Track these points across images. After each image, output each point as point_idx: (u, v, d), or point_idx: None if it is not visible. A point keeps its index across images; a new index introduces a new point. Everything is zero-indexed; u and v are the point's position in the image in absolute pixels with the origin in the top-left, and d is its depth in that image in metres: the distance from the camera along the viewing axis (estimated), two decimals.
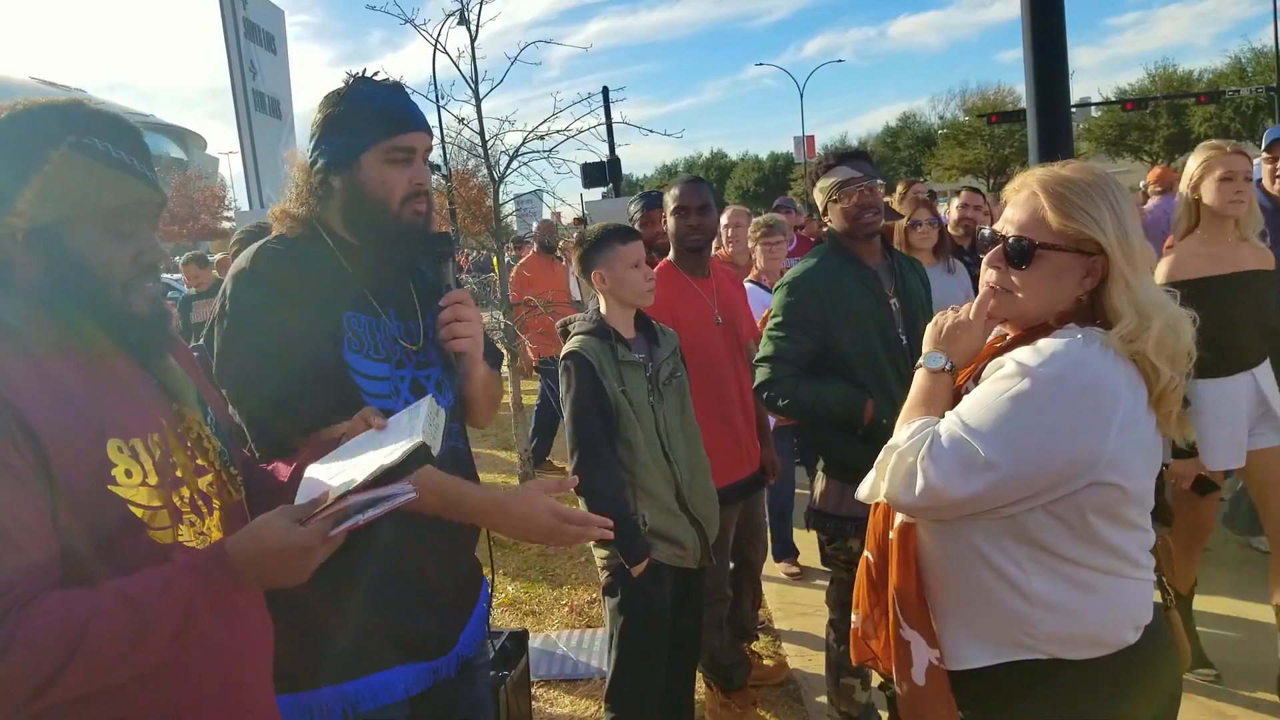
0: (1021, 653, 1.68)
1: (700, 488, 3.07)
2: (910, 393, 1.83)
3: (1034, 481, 1.59)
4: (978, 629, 1.73)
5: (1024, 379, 1.59)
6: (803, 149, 48.03)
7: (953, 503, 1.62)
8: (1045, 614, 1.65)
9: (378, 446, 1.48)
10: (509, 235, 8.44)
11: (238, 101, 17.19)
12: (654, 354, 3.04)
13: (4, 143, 1.31)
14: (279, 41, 19.09)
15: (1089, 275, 1.67)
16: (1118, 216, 1.65)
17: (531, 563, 5.64)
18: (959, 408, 1.67)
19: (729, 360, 3.58)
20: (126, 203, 1.36)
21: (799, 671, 4.08)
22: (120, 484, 1.31)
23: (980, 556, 1.69)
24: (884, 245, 3.24)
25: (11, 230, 1.30)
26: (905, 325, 3.13)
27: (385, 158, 1.88)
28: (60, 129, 1.32)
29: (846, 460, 3.12)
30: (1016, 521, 1.64)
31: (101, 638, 1.17)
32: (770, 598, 4.85)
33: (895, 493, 1.68)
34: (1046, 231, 1.68)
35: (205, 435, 1.51)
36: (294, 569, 1.29)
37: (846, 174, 3.10)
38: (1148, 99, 44.91)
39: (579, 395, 2.87)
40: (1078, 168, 1.72)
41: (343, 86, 1.92)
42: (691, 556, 2.99)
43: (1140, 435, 1.63)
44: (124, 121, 1.40)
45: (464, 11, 5.91)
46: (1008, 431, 1.58)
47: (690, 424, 3.11)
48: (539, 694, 3.96)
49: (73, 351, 1.35)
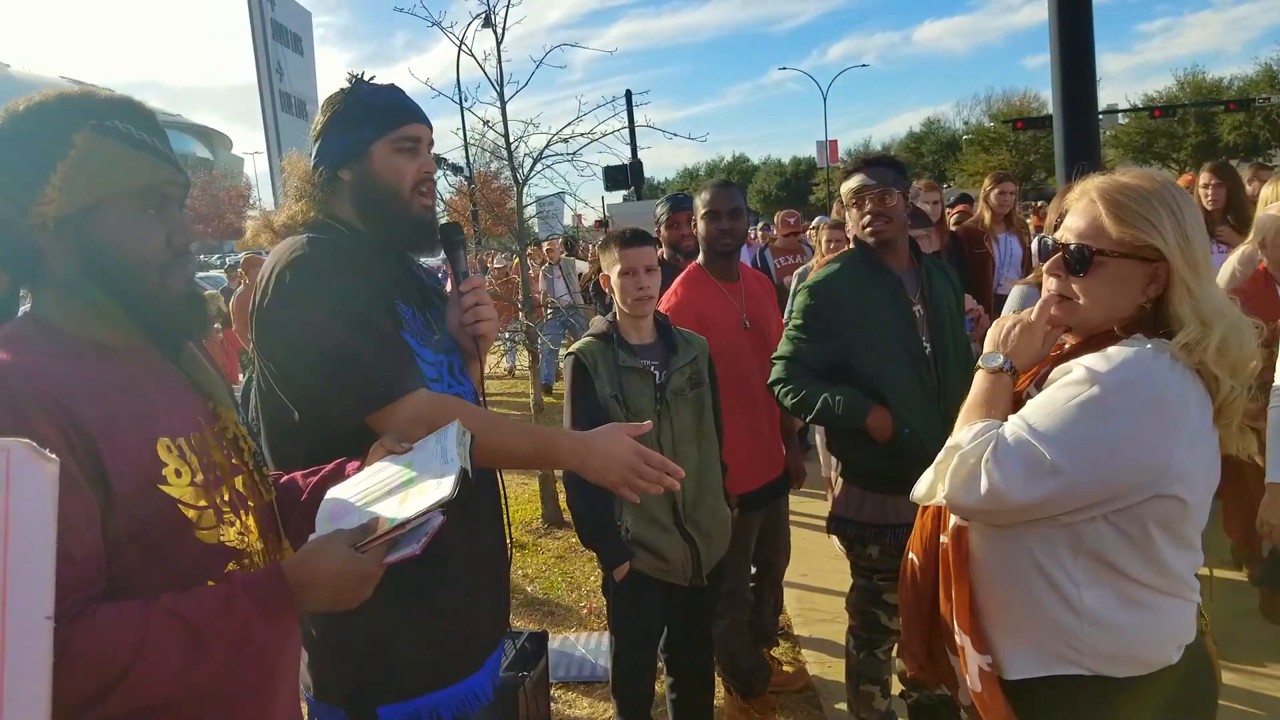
0: (1066, 666, 1.67)
1: (706, 506, 3.03)
2: (970, 393, 1.81)
3: (1100, 489, 1.57)
4: (1024, 638, 1.71)
5: (1094, 385, 1.57)
6: (825, 154, 47.90)
7: (1016, 507, 1.60)
8: (1093, 629, 1.63)
9: (405, 468, 1.48)
10: (530, 237, 8.45)
11: (264, 102, 17.34)
12: (669, 362, 3.01)
13: (25, 133, 1.30)
14: (306, 43, 19.21)
15: (1152, 282, 1.65)
16: (1179, 222, 1.62)
17: (550, 565, 5.64)
18: (1024, 411, 1.65)
19: (756, 365, 3.56)
20: (155, 183, 1.35)
21: (818, 678, 4.07)
22: (171, 484, 1.30)
23: (1035, 565, 1.67)
24: (913, 251, 3.22)
25: (42, 220, 1.29)
26: (931, 333, 3.11)
27: (395, 147, 1.96)
28: (79, 114, 1.32)
29: (865, 466, 3.12)
30: (1075, 531, 1.62)
31: (156, 658, 1.15)
32: (790, 603, 4.83)
33: (956, 495, 1.65)
34: (1105, 239, 1.66)
35: (241, 435, 1.51)
36: (351, 594, 1.30)
37: (861, 181, 3.10)
38: (1176, 106, 44.47)
39: (570, 395, 2.96)
40: (1138, 174, 1.71)
41: (345, 87, 2.01)
42: (678, 573, 2.97)
43: (1205, 450, 1.61)
44: (139, 105, 1.40)
45: (490, 15, 5.94)
46: (1076, 437, 1.56)
47: (706, 438, 3.08)
48: (557, 695, 3.97)
49: (115, 350, 1.35)
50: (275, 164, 12.30)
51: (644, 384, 2.94)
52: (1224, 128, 46.92)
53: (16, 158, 1.29)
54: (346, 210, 1.97)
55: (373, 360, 1.80)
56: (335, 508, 1.45)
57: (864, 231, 3.12)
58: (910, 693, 3.46)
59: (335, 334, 1.78)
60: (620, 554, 2.87)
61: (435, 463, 1.46)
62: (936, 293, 3.17)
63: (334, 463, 1.67)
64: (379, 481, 1.47)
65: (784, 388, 3.14)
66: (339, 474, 1.63)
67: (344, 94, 1.99)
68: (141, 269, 1.34)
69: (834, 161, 46.05)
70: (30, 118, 1.31)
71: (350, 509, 1.42)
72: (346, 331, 1.78)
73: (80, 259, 1.31)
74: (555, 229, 13.05)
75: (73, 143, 1.29)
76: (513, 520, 2.97)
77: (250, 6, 14.88)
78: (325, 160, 1.96)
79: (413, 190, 1.97)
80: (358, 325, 1.80)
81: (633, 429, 1.83)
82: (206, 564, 1.33)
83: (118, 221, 1.32)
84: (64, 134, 1.30)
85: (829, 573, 5.00)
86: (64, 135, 1.30)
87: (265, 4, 15.24)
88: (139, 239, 1.33)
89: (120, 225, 1.32)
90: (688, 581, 3.00)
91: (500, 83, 5.98)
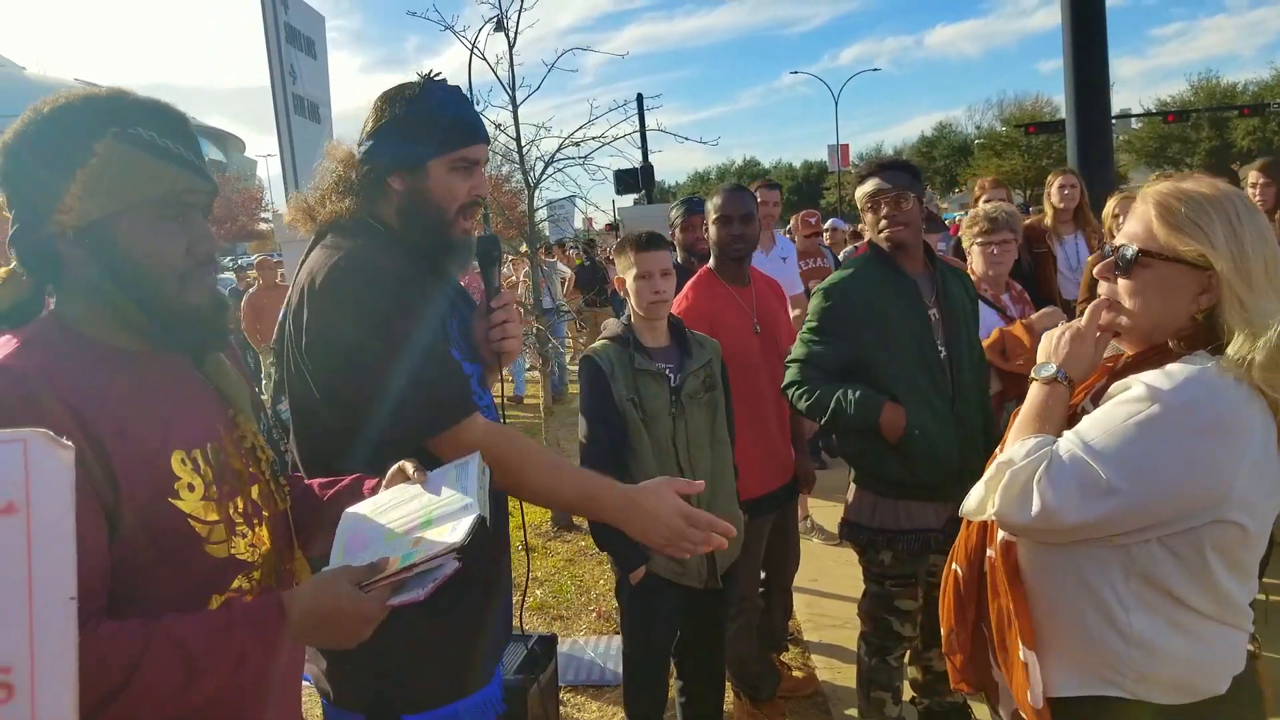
0: (1106, 688, 1.63)
1: (720, 509, 3.02)
2: (1024, 406, 1.76)
3: (1157, 511, 1.53)
4: (1067, 656, 1.67)
5: (1154, 404, 1.52)
6: (836, 158, 47.89)
7: (1068, 527, 1.56)
8: (1139, 654, 1.59)
9: (424, 502, 1.46)
10: (541, 241, 8.50)
11: (277, 105, 17.39)
12: (683, 365, 3.02)
13: (47, 138, 1.28)
14: (319, 46, 19.33)
15: (1204, 292, 1.60)
16: (1234, 231, 1.57)
17: (560, 568, 5.65)
18: (1079, 427, 1.60)
19: (765, 369, 3.56)
20: (175, 191, 1.33)
21: (827, 684, 4.05)
22: (183, 498, 1.29)
23: (1084, 584, 1.63)
24: (927, 255, 3.22)
25: (62, 228, 1.28)
26: (945, 337, 3.10)
27: (452, 166, 1.91)
28: (103, 120, 1.29)
29: (879, 472, 3.11)
30: (1128, 552, 1.58)
31: (150, 680, 1.15)
32: (800, 609, 4.82)
33: (1007, 512, 1.62)
34: (1153, 241, 1.63)
35: (259, 445, 1.50)
36: (351, 634, 1.28)
37: (877, 185, 3.10)
38: (1189, 111, 44.30)
39: (586, 399, 2.96)
40: (1198, 180, 1.66)
41: (411, 88, 1.92)
42: (693, 575, 2.98)
43: (1269, 476, 1.55)
44: (169, 109, 1.37)
45: (502, 18, 5.95)
46: (1133, 457, 1.51)
47: (720, 441, 3.09)
48: (566, 699, 3.97)
49: (134, 357, 1.34)
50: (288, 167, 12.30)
51: (659, 387, 2.95)
52: (1238, 133, 46.76)
53: (39, 163, 1.28)
54: (389, 214, 1.93)
55: (439, 385, 1.77)
56: (352, 538, 1.43)
57: (880, 235, 3.12)
58: (922, 699, 3.44)
59: (400, 355, 1.73)
60: (638, 556, 2.87)
61: (454, 502, 1.44)
62: (951, 296, 3.16)
63: (351, 478, 1.66)
64: (399, 516, 1.45)
65: (798, 390, 3.14)
66: (356, 492, 1.61)
67: (410, 99, 1.90)
68: (160, 278, 1.32)
69: (845, 166, 46.10)
70: (53, 123, 1.29)
71: (365, 540, 1.41)
72: (414, 355, 1.74)
73: (100, 266, 1.29)
74: (566, 232, 13.10)
75: (94, 150, 1.28)
76: (521, 524, 2.96)
77: (264, 10, 14.92)
78: (378, 162, 1.90)
79: (458, 213, 1.93)
80: (423, 348, 1.76)
81: (683, 486, 1.77)
82: (215, 577, 1.32)
83: (137, 230, 1.30)
84: (86, 141, 1.28)
85: (839, 578, 4.99)
86: (86, 142, 1.28)
87: (279, 7, 15.27)
88: (158, 248, 1.32)
89: (139, 234, 1.30)
90: (703, 584, 3.00)
91: (512, 86, 5.99)
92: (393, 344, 1.73)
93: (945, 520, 3.05)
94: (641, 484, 1.79)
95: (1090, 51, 7.70)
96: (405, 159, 1.89)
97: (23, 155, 1.28)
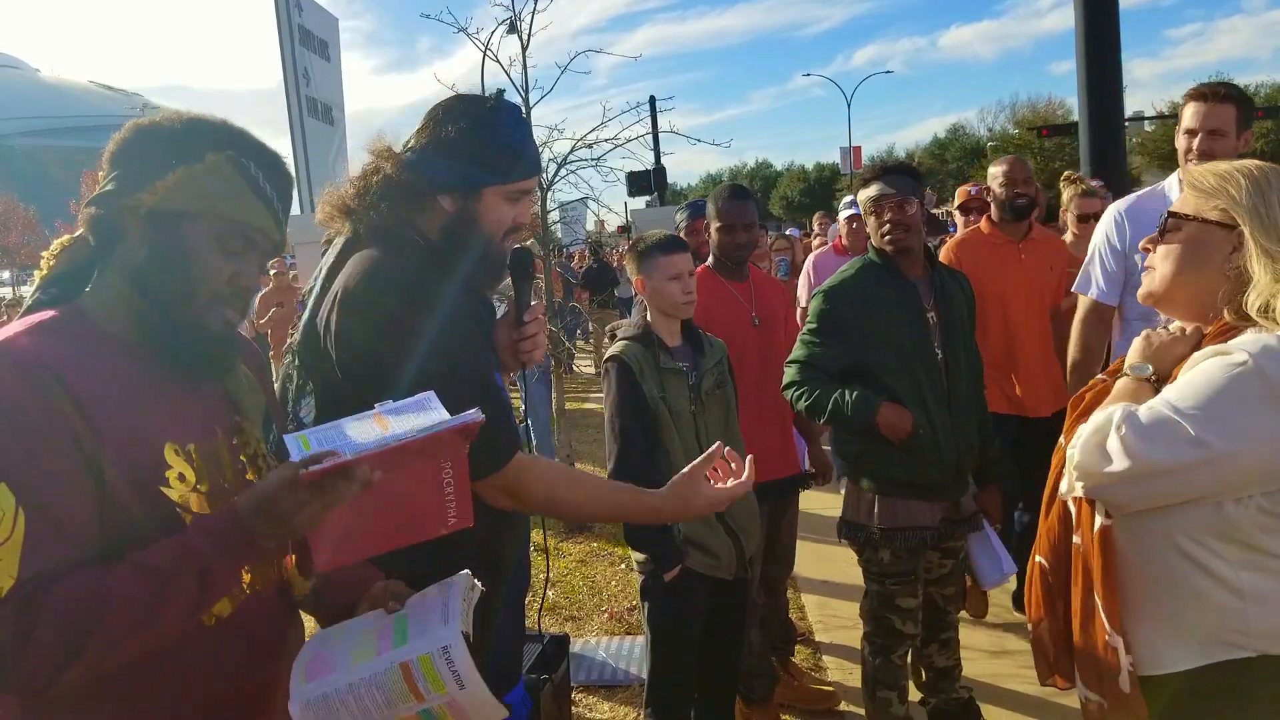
0: (1230, 651, 1.64)
1: (741, 500, 3.05)
2: (1111, 394, 1.80)
3: (1238, 468, 1.56)
4: (1182, 630, 1.68)
5: (1240, 362, 1.56)
6: (849, 160, 47.82)
7: (1152, 470, 1.58)
8: (1258, 607, 1.60)
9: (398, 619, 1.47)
10: (554, 243, 8.49)
11: (291, 107, 17.44)
12: (698, 363, 3.07)
13: (173, 134, 1.40)
14: (332, 49, 19.35)
15: (1235, 250, 1.67)
16: (1257, 186, 1.66)
17: (572, 569, 5.67)
18: (1164, 393, 1.65)
19: (761, 363, 3.62)
20: (250, 224, 1.42)
21: (839, 684, 4.05)
22: (173, 486, 1.33)
23: (1183, 554, 1.65)
24: (928, 259, 3.25)
25: (137, 205, 1.36)
26: (943, 340, 3.15)
27: (506, 195, 1.88)
28: (224, 142, 1.41)
29: (874, 470, 3.15)
30: (1222, 517, 1.60)
31: (123, 605, 1.18)
32: (810, 609, 4.83)
33: (1088, 463, 1.64)
34: (1185, 207, 1.76)
35: (261, 454, 1.52)
36: (289, 509, 1.23)
37: (880, 189, 3.14)
38: None
39: (618, 399, 2.94)
40: (1242, 162, 1.75)
41: (476, 107, 1.88)
42: (726, 567, 3.00)
43: None
44: (282, 165, 1.49)
45: (515, 20, 5.98)
46: (1219, 412, 1.54)
47: (734, 436, 3.12)
48: (578, 699, 3.98)
49: (141, 350, 1.39)
50: (302, 168, 12.40)
51: (681, 384, 2.98)
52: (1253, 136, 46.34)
53: (155, 147, 1.39)
54: (431, 228, 1.87)
55: (492, 426, 1.54)
56: (313, 654, 1.44)
57: (883, 240, 3.15)
58: (929, 698, 3.45)
59: (456, 389, 1.57)
60: (675, 556, 2.89)
61: (433, 619, 1.43)
62: (950, 300, 3.20)
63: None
64: (363, 642, 1.44)
65: (797, 390, 3.19)
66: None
67: (475, 119, 1.85)
68: (195, 287, 1.39)
69: (858, 168, 45.97)
70: (185, 125, 1.42)
71: (330, 662, 1.41)
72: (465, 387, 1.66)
73: (150, 251, 1.37)
74: (578, 234, 13.11)
75: (204, 158, 1.39)
76: (540, 524, 2.97)
77: (278, 12, 14.98)
78: (429, 177, 1.84)
79: (504, 237, 1.92)
80: (480, 384, 1.73)
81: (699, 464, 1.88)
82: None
83: (199, 235, 1.38)
84: (202, 149, 1.39)
85: (851, 577, 4.99)
86: (201, 150, 1.39)
87: (293, 10, 15.33)
88: (208, 260, 1.39)
89: (200, 239, 1.39)
90: (733, 575, 3.03)
91: (525, 88, 6.02)
92: (455, 377, 1.68)
93: (940, 518, 3.13)
94: (664, 492, 1.88)
95: (1104, 53, 7.67)
96: (461, 181, 1.84)
97: (147, 138, 1.41)
